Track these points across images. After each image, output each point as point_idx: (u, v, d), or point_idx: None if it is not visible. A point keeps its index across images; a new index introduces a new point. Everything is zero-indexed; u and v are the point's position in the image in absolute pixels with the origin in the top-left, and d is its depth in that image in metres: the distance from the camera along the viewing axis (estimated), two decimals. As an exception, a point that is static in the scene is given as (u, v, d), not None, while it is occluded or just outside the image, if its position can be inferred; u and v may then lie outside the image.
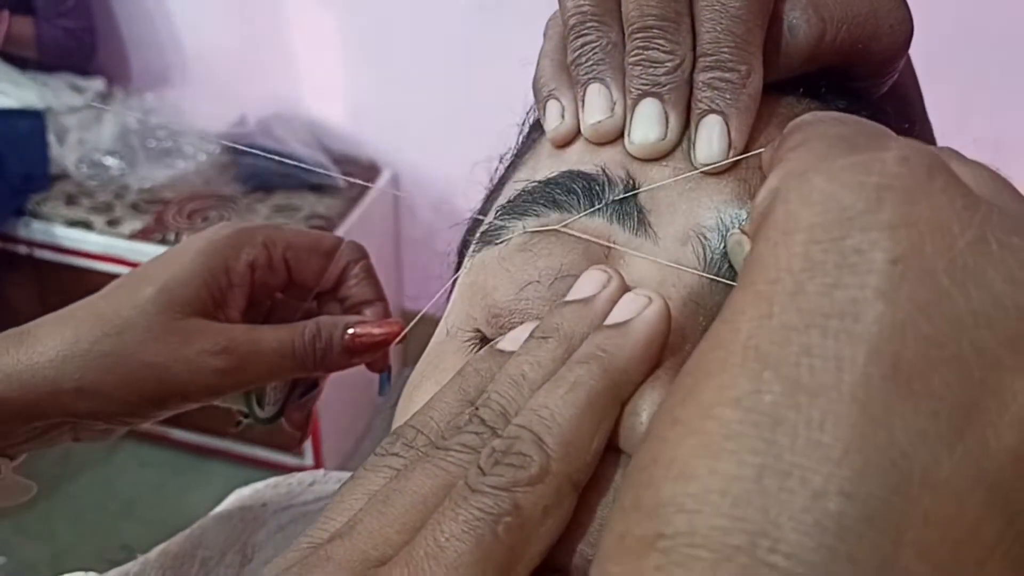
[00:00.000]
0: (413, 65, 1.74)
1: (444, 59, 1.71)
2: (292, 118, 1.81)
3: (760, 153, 0.29)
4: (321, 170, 1.67)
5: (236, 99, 1.83)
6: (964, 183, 0.18)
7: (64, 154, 1.72)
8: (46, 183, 1.70)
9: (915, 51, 0.39)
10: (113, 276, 0.42)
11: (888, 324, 0.16)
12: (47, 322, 0.40)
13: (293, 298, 0.46)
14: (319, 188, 1.70)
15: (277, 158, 0.57)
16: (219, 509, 0.48)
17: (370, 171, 1.81)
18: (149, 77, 1.95)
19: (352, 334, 0.43)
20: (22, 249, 1.68)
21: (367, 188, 1.77)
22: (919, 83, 0.40)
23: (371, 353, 0.44)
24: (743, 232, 0.27)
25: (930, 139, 0.41)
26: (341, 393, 1.77)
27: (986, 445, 0.15)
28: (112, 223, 1.63)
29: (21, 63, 1.72)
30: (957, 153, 0.22)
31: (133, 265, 1.60)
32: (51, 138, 1.72)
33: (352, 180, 1.68)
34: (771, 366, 0.16)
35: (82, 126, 1.74)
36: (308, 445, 1.72)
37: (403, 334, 0.44)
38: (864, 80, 0.33)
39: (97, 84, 1.82)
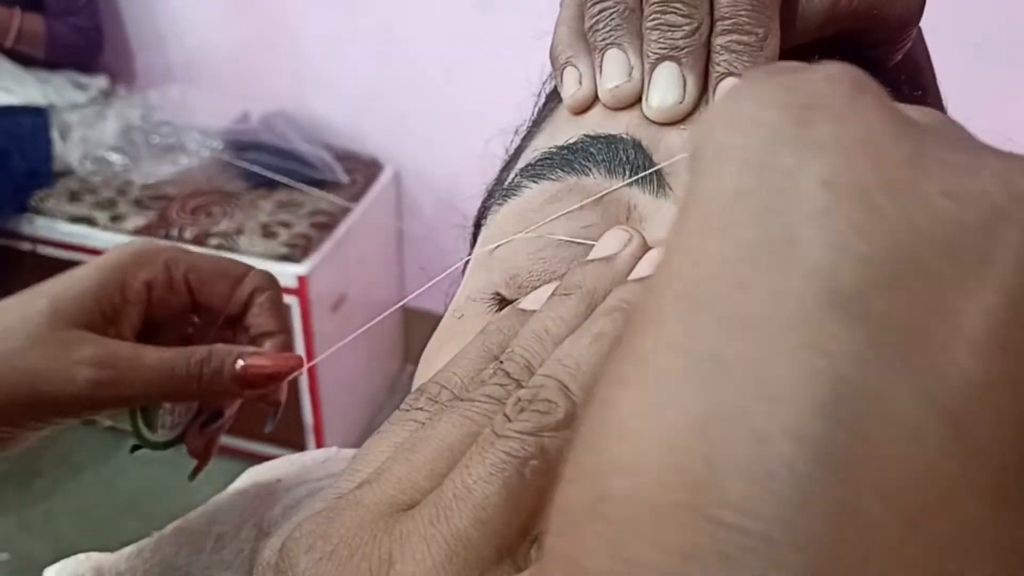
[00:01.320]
0: (416, 62, 1.75)
1: (447, 56, 1.72)
2: (295, 115, 1.81)
3: None
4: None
5: (239, 96, 1.84)
6: (895, 104, 0.17)
7: (68, 151, 1.72)
8: (50, 180, 1.70)
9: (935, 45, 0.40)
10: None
11: (822, 247, 0.15)
12: None
13: (209, 325, 0.46)
14: (322, 184, 1.71)
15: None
16: (234, 486, 0.48)
17: (372, 168, 1.82)
18: (152, 73, 1.95)
19: (243, 366, 0.42)
20: (25, 246, 1.68)
21: (370, 185, 1.77)
22: (931, 56, 0.40)
23: (262, 386, 0.43)
24: None
25: (942, 112, 0.42)
26: (344, 390, 1.77)
27: (939, 372, 0.14)
28: (116, 219, 1.63)
29: (24, 60, 1.73)
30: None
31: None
32: (55, 135, 1.73)
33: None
34: (704, 305, 0.15)
35: (85, 123, 1.75)
36: (311, 442, 1.72)
37: (298, 371, 0.43)
38: (878, 47, 0.34)
39: (100, 81, 1.83)
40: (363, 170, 1.79)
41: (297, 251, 1.57)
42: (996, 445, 0.14)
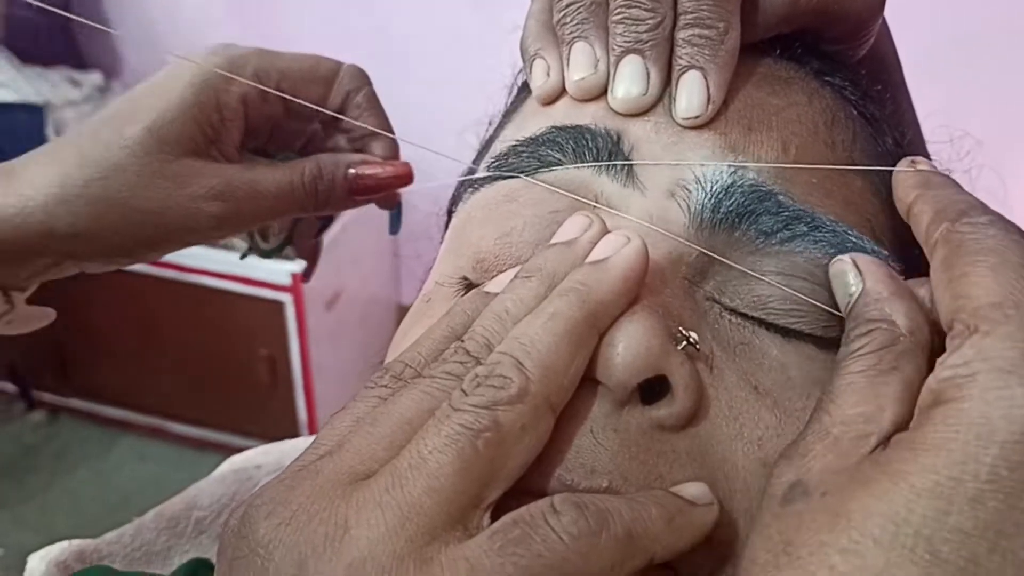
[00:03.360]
0: (412, 60, 1.75)
1: (443, 53, 1.73)
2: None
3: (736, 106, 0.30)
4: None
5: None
6: None
7: (63, 148, 1.72)
8: (45, 177, 1.70)
9: (904, 46, 0.41)
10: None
11: None
12: (32, 160, 0.39)
13: (293, 124, 0.44)
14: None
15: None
16: (214, 473, 0.49)
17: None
18: (147, 71, 1.95)
19: (354, 175, 0.42)
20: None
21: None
22: (898, 53, 0.41)
23: (374, 192, 0.43)
24: (855, 265, 0.27)
25: (909, 107, 0.42)
26: (338, 386, 1.78)
27: None
28: (111, 216, 1.63)
29: (21, 56, 1.73)
30: None
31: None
32: (50, 132, 1.73)
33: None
34: (940, 564, 0.18)
35: (81, 120, 1.75)
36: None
37: (407, 177, 0.44)
38: (840, 43, 0.35)
39: (95, 78, 1.83)
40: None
41: (291, 249, 1.58)
42: None
